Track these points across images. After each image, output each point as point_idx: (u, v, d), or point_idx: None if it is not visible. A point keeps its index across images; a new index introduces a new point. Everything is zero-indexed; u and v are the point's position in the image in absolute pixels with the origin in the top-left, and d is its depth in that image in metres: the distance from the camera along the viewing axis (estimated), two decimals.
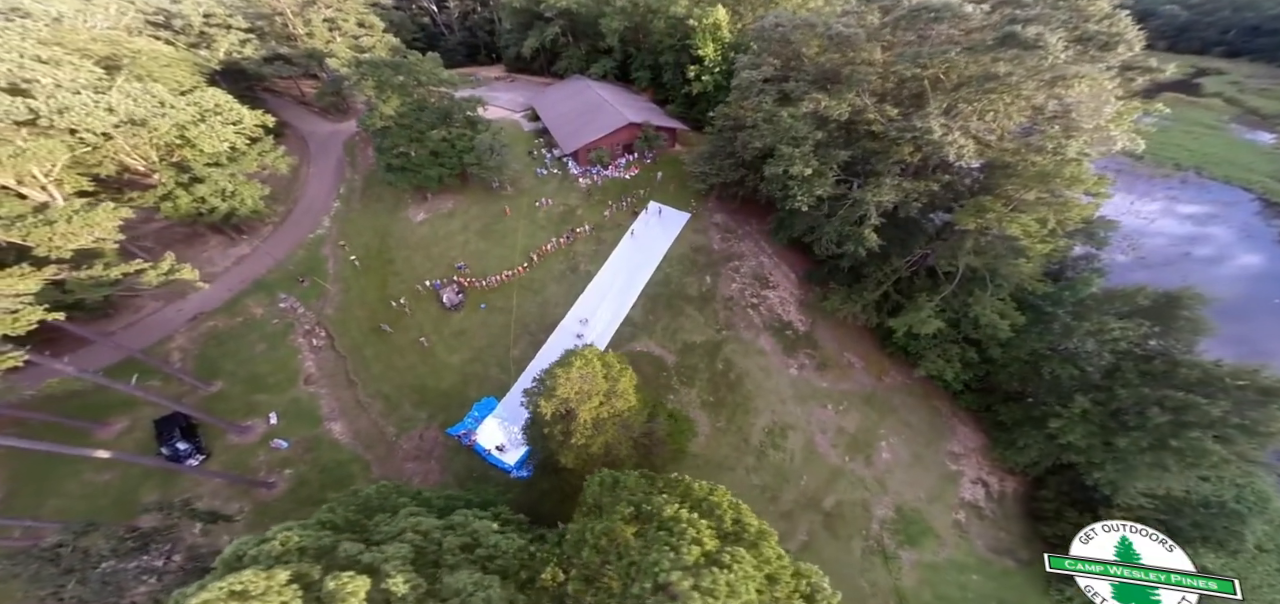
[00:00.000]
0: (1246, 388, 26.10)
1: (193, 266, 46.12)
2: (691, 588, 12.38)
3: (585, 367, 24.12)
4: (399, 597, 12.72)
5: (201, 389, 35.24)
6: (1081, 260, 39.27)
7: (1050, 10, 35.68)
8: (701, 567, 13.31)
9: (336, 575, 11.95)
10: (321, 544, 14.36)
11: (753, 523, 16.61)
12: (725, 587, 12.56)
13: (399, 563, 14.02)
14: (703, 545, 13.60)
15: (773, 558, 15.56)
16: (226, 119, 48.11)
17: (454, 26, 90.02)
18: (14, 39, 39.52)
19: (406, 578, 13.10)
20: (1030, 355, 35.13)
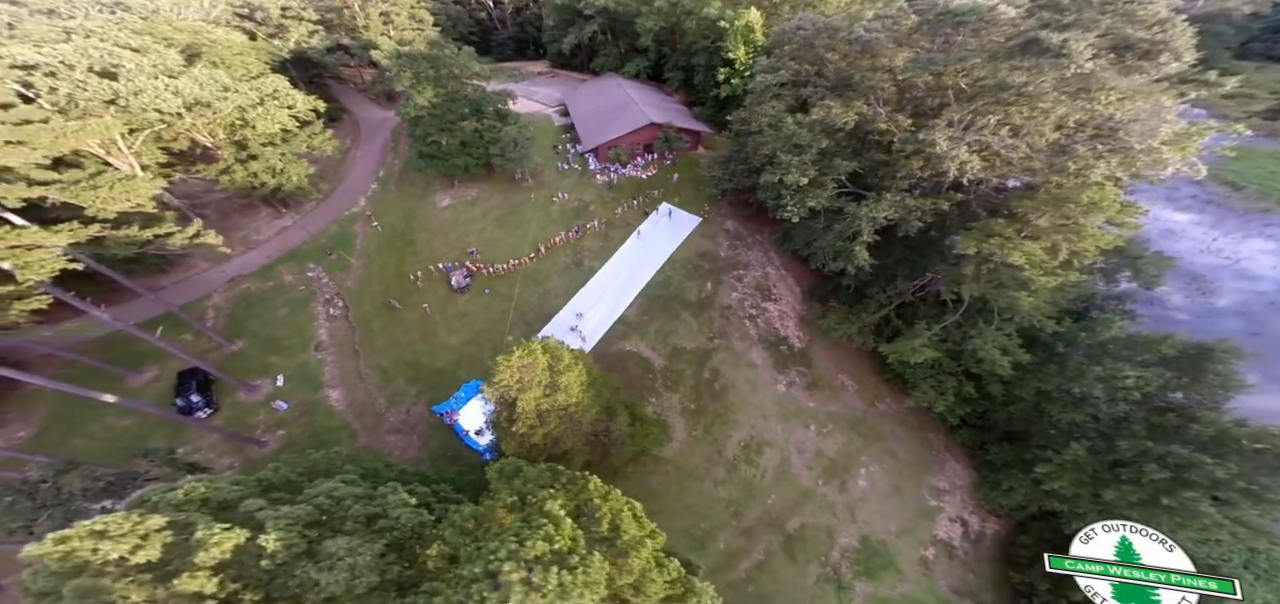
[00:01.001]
0: (1265, 452, 22.86)
1: (240, 234, 52.05)
2: (521, 581, 12.80)
3: (527, 357, 24.97)
4: (268, 552, 14.08)
5: (225, 347, 39.66)
6: (1111, 300, 35.22)
7: (1096, 15, 32.25)
8: (545, 562, 13.64)
9: (210, 527, 13.47)
10: (226, 498, 16.11)
11: (632, 530, 16.68)
12: (556, 586, 12.85)
13: (287, 523, 15.39)
14: (553, 543, 13.94)
15: (636, 568, 15.59)
16: (282, 103, 53.19)
17: (507, 21, 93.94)
18: (112, 29, 45.93)
19: (281, 536, 14.43)
20: (1034, 396, 32.07)
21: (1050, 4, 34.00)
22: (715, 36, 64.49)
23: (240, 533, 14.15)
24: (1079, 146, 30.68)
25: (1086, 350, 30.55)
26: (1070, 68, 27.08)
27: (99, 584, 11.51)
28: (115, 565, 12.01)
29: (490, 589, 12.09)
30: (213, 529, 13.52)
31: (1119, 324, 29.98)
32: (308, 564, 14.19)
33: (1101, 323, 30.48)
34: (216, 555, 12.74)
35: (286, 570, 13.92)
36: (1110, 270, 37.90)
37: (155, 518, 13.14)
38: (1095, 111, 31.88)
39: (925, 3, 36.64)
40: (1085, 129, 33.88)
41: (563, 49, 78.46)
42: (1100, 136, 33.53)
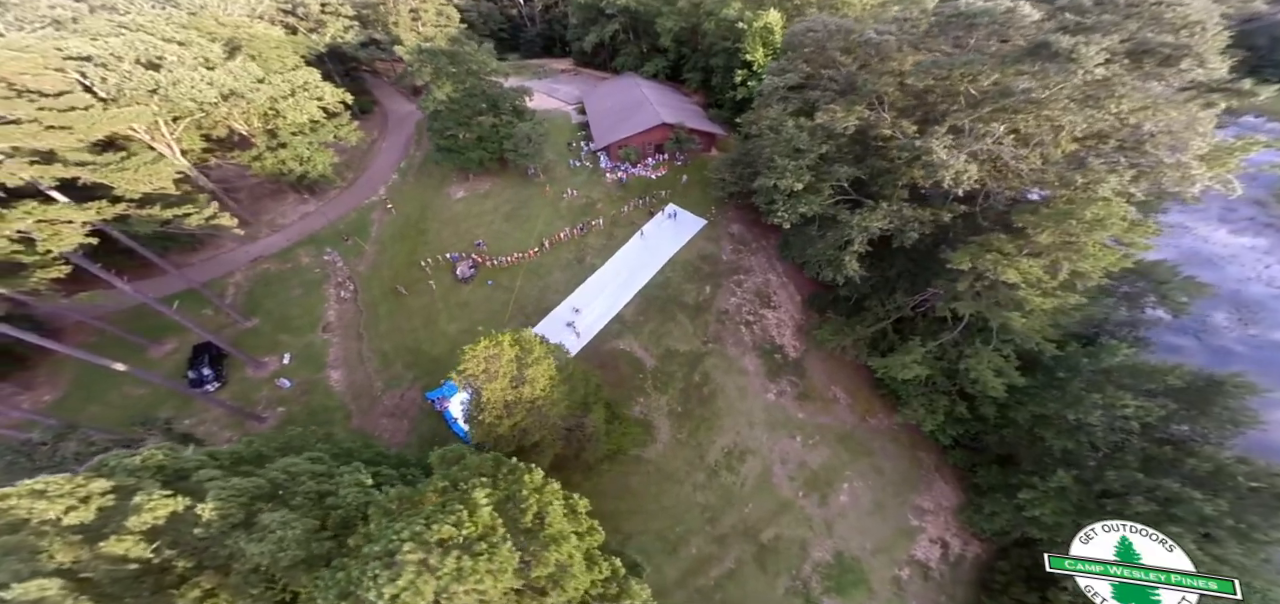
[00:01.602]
0: (1261, 490, 21.14)
1: (267, 217, 55.22)
2: (416, 562, 13.21)
3: (493, 348, 25.55)
4: (203, 521, 15.04)
5: (240, 323, 42.32)
6: (1124, 326, 32.84)
7: (1120, 18, 30.10)
8: (448, 546, 13.97)
9: (149, 493, 14.53)
10: (182, 467, 17.30)
11: (557, 524, 16.82)
12: (452, 570, 13.19)
13: (228, 494, 16.31)
14: (462, 528, 14.28)
15: (552, 561, 15.73)
16: (311, 95, 56.20)
17: (536, 19, 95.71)
18: (160, 24, 49.65)
19: (218, 506, 15.37)
20: (1029, 421, 30.36)
21: (1072, 5, 31.95)
22: (734, 38, 63.71)
23: (181, 501, 15.16)
24: (1093, 159, 28.72)
25: (1089, 376, 28.58)
26: (1078, 73, 25.36)
27: (29, 541, 12.63)
28: (51, 525, 13.14)
29: (384, 567, 12.53)
30: (152, 496, 14.56)
31: (1125, 351, 27.92)
32: (240, 534, 15.07)
33: (1107, 349, 28.45)
34: (149, 521, 13.73)
35: (219, 540, 14.84)
36: (1135, 295, 35.42)
37: (99, 482, 14.29)
38: (1118, 121, 29.85)
39: (945, 5, 35.22)
40: (1108, 141, 31.76)
41: (585, 47, 79.35)
42: (1125, 149, 31.37)
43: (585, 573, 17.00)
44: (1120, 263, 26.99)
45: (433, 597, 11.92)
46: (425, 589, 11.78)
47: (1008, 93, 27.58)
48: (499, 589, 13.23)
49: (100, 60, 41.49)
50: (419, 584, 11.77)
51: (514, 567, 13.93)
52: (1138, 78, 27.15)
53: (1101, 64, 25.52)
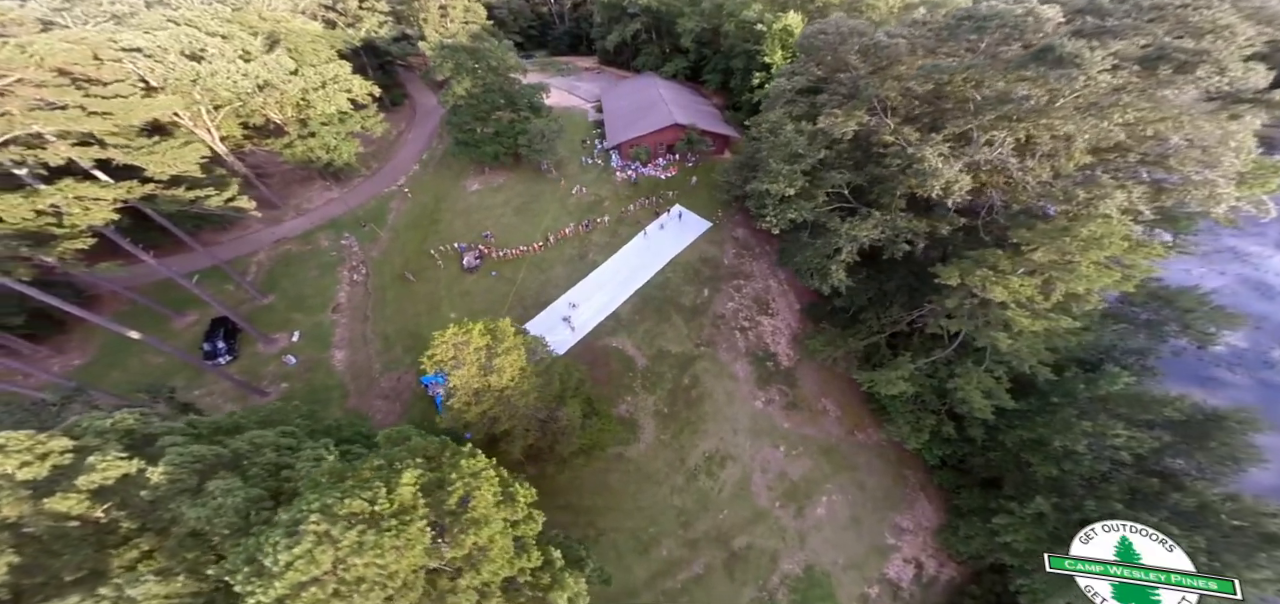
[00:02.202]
0: (1245, 529, 19.62)
1: (294, 201, 58.35)
2: (317, 533, 13.75)
3: (461, 335, 26.34)
4: (152, 484, 16.22)
5: (258, 300, 45.03)
6: (1132, 354, 30.72)
7: (1143, 21, 28.15)
8: (354, 520, 14.44)
9: (104, 455, 15.79)
10: (150, 432, 18.72)
11: (482, 509, 17.19)
12: (351, 543, 13.69)
13: (185, 460, 17.40)
14: (375, 504, 14.88)
15: (468, 544, 16.10)
16: (341, 87, 59.07)
17: (564, 17, 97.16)
18: (206, 18, 53.28)
19: (168, 471, 16.53)
20: (1017, 445, 28.92)
21: (1092, 7, 30.07)
22: (754, 40, 62.97)
23: (135, 464, 16.39)
24: (1102, 173, 27.01)
25: (1085, 404, 26.99)
26: (1080, 79, 23.88)
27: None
28: (6, 480, 14.50)
29: (286, 535, 13.25)
30: (107, 457, 15.85)
31: (1125, 379, 26.11)
32: (184, 499, 16.20)
33: (1106, 376, 26.70)
34: (98, 480, 14.96)
35: (164, 503, 16.02)
36: (1156, 322, 33.07)
37: (61, 441, 15.65)
38: (1133, 133, 27.94)
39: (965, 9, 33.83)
40: (1127, 154, 29.77)
41: (607, 46, 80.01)
42: (1147, 162, 29.37)
43: (509, 559, 17.43)
44: (1120, 285, 25.23)
45: (330, 566, 12.58)
46: (322, 559, 12.44)
47: (1006, 99, 26.21)
48: (405, 565, 13.79)
49: (149, 52, 45.00)
50: (316, 553, 12.43)
51: (424, 545, 14.48)
52: (1153, 86, 25.25)
53: (1108, 71, 23.90)
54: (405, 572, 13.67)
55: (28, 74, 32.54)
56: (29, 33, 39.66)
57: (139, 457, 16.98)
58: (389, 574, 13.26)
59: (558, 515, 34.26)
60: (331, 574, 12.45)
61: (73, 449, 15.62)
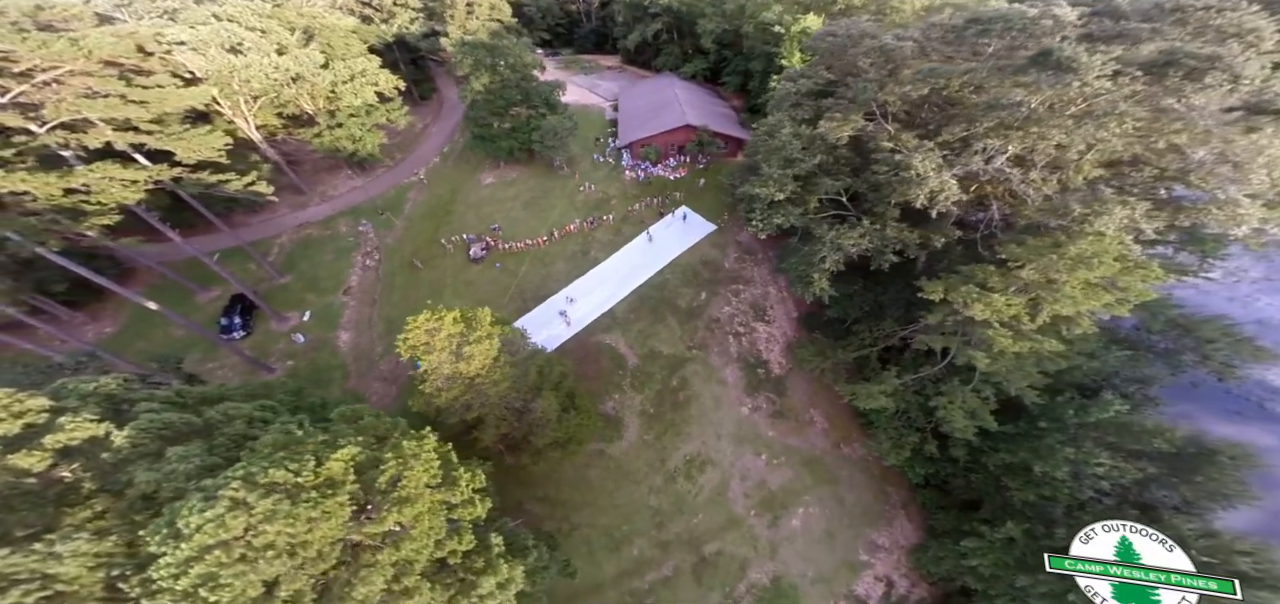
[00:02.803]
0: (1215, 567, 18.40)
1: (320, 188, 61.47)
2: (232, 499, 14.38)
3: (433, 321, 27.25)
4: (115, 447, 17.58)
5: (276, 279, 47.81)
6: (1135, 382, 28.70)
7: (1166, 26, 26.25)
8: (273, 489, 15.16)
9: (75, 417, 17.24)
10: (129, 397, 20.30)
11: (410, 490, 17.61)
12: (264, 511, 14.18)
13: (151, 426, 18.77)
14: (299, 476, 15.62)
15: (389, 521, 16.64)
16: (368, 81, 61.85)
17: (591, 15, 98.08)
18: (247, 14, 56.87)
19: (131, 436, 17.87)
20: (998, 468, 27.63)
21: (1109, 10, 28.17)
22: (773, 42, 61.94)
23: (104, 427, 17.83)
24: (1105, 188, 25.32)
25: (1074, 430, 25.50)
26: (1074, 86, 22.47)
27: None
28: None
29: (204, 499, 14.15)
30: (77, 418, 17.32)
31: (1117, 407, 24.49)
32: (143, 464, 17.49)
33: (1099, 404, 25.10)
34: (64, 440, 16.37)
35: (123, 466, 17.37)
36: (1174, 351, 30.75)
37: (38, 400, 17.20)
38: (1146, 146, 26.09)
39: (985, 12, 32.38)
40: (1143, 168, 27.79)
41: (628, 45, 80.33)
42: (1166, 178, 27.37)
43: (438, 539, 18.01)
44: (1113, 308, 23.57)
45: (241, 531, 13.42)
46: (233, 524, 13.28)
47: (994, 106, 24.95)
48: (318, 535, 14.52)
49: (192, 45, 48.53)
50: (227, 519, 13.28)
51: (343, 518, 15.23)
52: (1159, 94, 23.45)
53: (1108, 77, 22.37)
54: (319, 542, 14.41)
55: (78, 65, 35.73)
56: (87, 27, 43.50)
57: (111, 421, 18.44)
58: (300, 543, 14.03)
59: (534, 506, 35.12)
60: (241, 540, 13.29)
61: (49, 409, 17.17)
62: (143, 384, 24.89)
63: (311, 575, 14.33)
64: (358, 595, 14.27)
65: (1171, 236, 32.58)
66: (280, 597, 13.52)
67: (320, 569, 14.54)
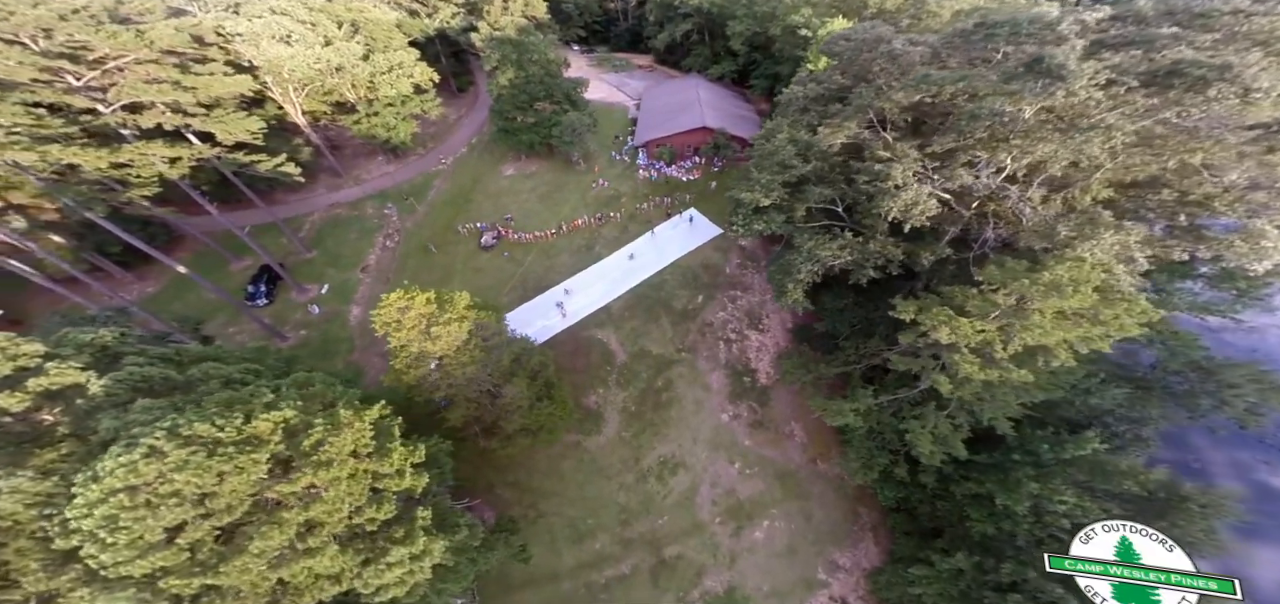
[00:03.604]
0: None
1: (355, 172, 65.47)
2: (150, 446, 15.57)
3: (404, 299, 28.59)
4: (90, 394, 19.69)
5: (303, 254, 51.61)
6: (1129, 422, 26.13)
7: (1196, 30, 23.74)
8: (192, 441, 16.43)
9: (60, 364, 19.44)
10: (120, 350, 22.69)
11: (330, 453, 18.53)
12: (177, 459, 15.27)
13: (129, 377, 20.85)
14: (221, 431, 16.84)
15: (300, 484, 17.63)
16: (405, 73, 65.39)
17: (628, 13, 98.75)
18: (298, 8, 61.50)
19: (106, 386, 19.89)
20: (964, 497, 26.03)
21: (1134, 15, 25.62)
22: (801, 45, 60.29)
23: (86, 375, 19.99)
24: (1103, 211, 23.17)
25: (1050, 465, 23.68)
26: (1058, 94, 20.69)
27: None
28: None
29: (125, 446, 15.64)
30: (61, 367, 19.52)
31: (1094, 444, 22.48)
32: (111, 412, 19.47)
33: (1076, 440, 23.11)
34: (46, 384, 18.54)
35: (95, 413, 19.44)
36: (1189, 393, 27.76)
37: (34, 346, 19.55)
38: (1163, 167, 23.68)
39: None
40: (1161, 190, 25.23)
41: (658, 45, 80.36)
42: (1187, 203, 24.79)
43: (355, 505, 19.04)
44: (1093, 342, 21.50)
45: (151, 478, 14.83)
46: (145, 470, 14.70)
47: (976, 117, 23.36)
48: (227, 489, 15.77)
49: (247, 37, 53.14)
50: (140, 465, 14.72)
51: (258, 475, 16.50)
52: (1162, 105, 21.12)
53: (1100, 87, 20.43)
54: (228, 495, 15.73)
55: (142, 54, 40.06)
56: (157, 19, 48.61)
57: (102, 370, 20.71)
58: (209, 493, 15.38)
59: (505, 490, 36.20)
60: (149, 486, 14.72)
61: (43, 355, 19.58)
62: (156, 341, 27.65)
63: (217, 526, 15.67)
64: (254, 548, 15.46)
65: (1202, 270, 29.34)
66: (179, 543, 14.89)
67: (228, 521, 15.87)
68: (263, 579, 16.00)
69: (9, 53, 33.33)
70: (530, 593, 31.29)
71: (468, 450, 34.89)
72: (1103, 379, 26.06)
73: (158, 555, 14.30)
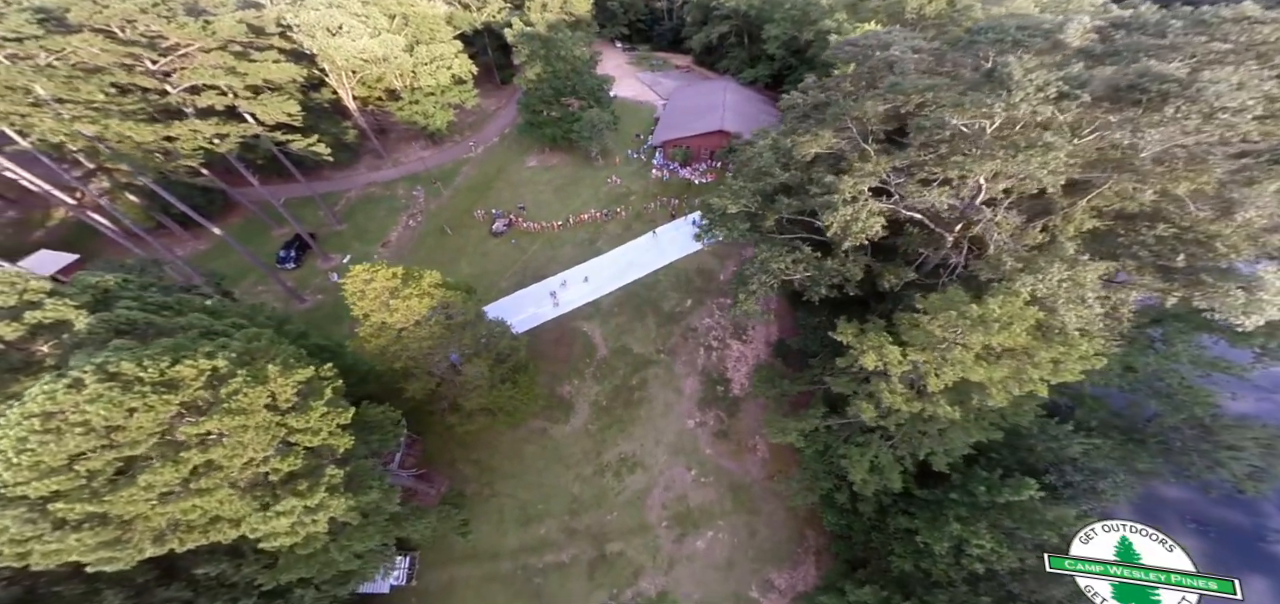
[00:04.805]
0: None
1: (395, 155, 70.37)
2: (76, 378, 17.84)
3: (368, 272, 30.58)
4: (76, 329, 22.93)
5: (334, 226, 56.41)
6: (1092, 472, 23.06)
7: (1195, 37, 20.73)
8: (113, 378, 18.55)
9: (56, 302, 22.77)
10: (123, 293, 26.21)
11: (245, 404, 20.53)
12: (92, 392, 17.45)
13: (116, 322, 24.15)
14: (144, 370, 19.09)
15: (205, 426, 19.52)
16: (444, 64, 69.47)
17: (672, 13, 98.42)
18: (354, 2, 66.98)
19: (90, 324, 23.07)
20: (895, 530, 24.33)
21: (1135, 23, 22.54)
22: None
23: (77, 313, 23.34)
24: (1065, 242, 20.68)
25: (985, 507, 21.63)
26: (998, 107, 18.66)
27: None
28: None
29: (55, 377, 18.08)
30: (56, 302, 22.91)
31: (1031, 491, 20.18)
32: (87, 349, 22.61)
33: (1013, 484, 20.89)
34: (39, 318, 21.85)
35: (77, 349, 22.64)
36: (1182, 449, 24.27)
37: (40, 283, 23.12)
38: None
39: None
40: (1156, 224, 22.17)
41: (694, 47, 79.57)
42: (1184, 241, 21.74)
43: (250, 453, 20.60)
44: (1031, 385, 19.17)
45: (68, 408, 17.11)
46: (63, 400, 16.98)
47: (922, 128, 21.53)
48: (136, 424, 17.77)
49: (303, 28, 58.79)
50: (60, 394, 17.03)
51: (165, 414, 18.54)
52: (1122, 122, 18.36)
53: (1049, 100, 18.19)
54: (134, 430, 17.83)
55: (205, 43, 45.66)
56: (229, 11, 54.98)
57: (101, 311, 24.09)
58: (116, 427, 17.56)
59: (466, 467, 37.81)
60: (61, 415, 17.02)
61: (47, 291, 23.16)
62: (162, 290, 31.57)
63: (119, 458, 17.84)
64: (142, 481, 17.46)
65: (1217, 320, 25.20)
66: (77, 469, 17.09)
67: (129, 454, 18.01)
68: (155, 512, 18.07)
69: (95, 41, 39.22)
70: (469, 567, 32.63)
71: (437, 425, 36.90)
72: (1075, 426, 23.38)
73: (56, 479, 16.53)
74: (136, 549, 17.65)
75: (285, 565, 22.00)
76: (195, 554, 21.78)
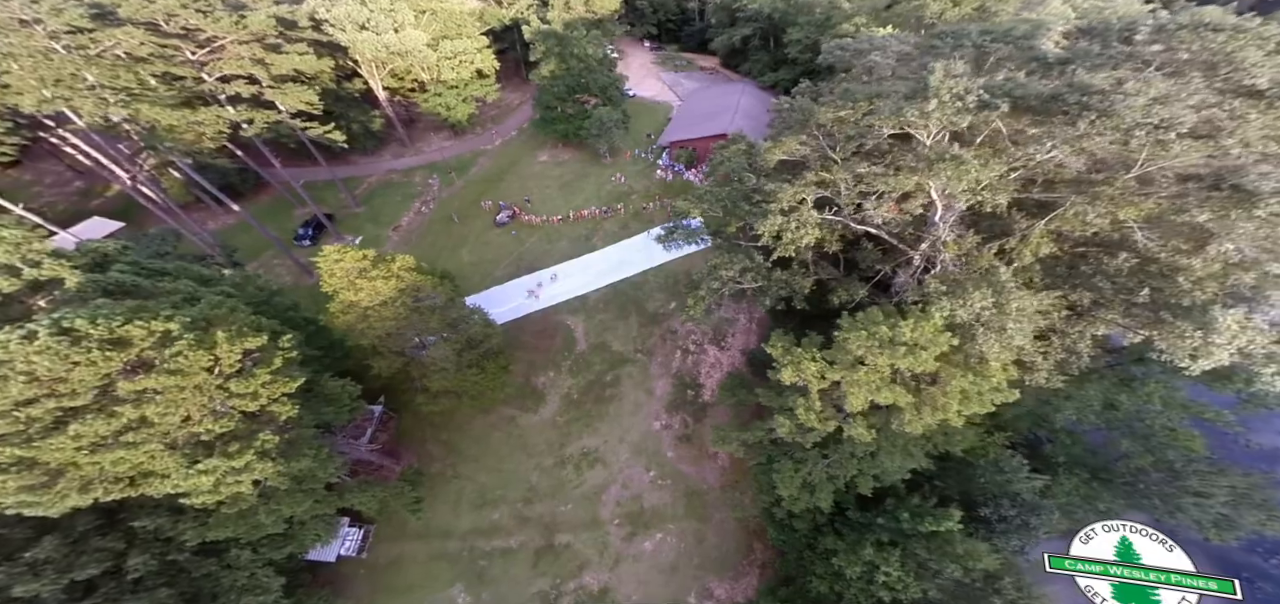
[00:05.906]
0: None
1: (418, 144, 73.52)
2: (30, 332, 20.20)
3: (338, 255, 32.19)
4: (66, 287, 25.50)
5: (354, 208, 59.77)
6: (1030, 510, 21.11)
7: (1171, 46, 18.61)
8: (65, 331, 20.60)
9: (54, 261, 25.40)
10: (120, 258, 28.96)
11: (178, 365, 22.17)
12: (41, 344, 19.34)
13: (106, 284, 26.73)
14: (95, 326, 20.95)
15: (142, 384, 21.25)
16: (466, 59, 71.97)
17: (702, 14, 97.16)
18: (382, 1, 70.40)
19: (79, 283, 25.38)
20: (822, 551, 23.39)
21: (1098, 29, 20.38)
22: None
23: (69, 273, 25.96)
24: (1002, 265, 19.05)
25: (908, 533, 20.46)
26: (913, 115, 17.37)
27: None
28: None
29: (15, 328, 20.10)
30: (53, 262, 25.54)
31: (951, 523, 18.89)
32: (73, 306, 25.10)
33: (935, 515, 19.59)
34: (35, 275, 24.47)
35: (64, 306, 25.18)
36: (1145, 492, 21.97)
37: (44, 244, 25.87)
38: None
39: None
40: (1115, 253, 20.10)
41: (718, 48, 78.38)
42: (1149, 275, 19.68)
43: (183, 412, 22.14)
44: (939, 414, 17.73)
45: (20, 358, 19.07)
46: (15, 350, 18.91)
47: (853, 137, 20.34)
48: (77, 377, 19.51)
49: (334, 22, 62.54)
50: (12, 344, 18.89)
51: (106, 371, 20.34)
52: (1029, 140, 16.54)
53: (969, 109, 16.73)
54: (76, 383, 19.70)
55: (238, 36, 49.60)
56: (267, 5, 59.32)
57: (89, 272, 26.79)
58: (59, 378, 19.47)
59: (433, 447, 39.13)
60: (8, 363, 19.03)
61: (50, 254, 26.02)
62: (198, 261, 34.67)
63: (59, 407, 19.74)
64: (72, 430, 19.22)
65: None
66: (16, 415, 19.02)
67: (69, 405, 19.88)
68: (85, 461, 19.85)
69: (136, 34, 43.46)
70: (418, 545, 33.84)
71: (412, 404, 38.42)
72: (1040, 461, 21.67)
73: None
74: (59, 496, 19.40)
75: (216, 523, 23.63)
76: (139, 507, 23.75)
